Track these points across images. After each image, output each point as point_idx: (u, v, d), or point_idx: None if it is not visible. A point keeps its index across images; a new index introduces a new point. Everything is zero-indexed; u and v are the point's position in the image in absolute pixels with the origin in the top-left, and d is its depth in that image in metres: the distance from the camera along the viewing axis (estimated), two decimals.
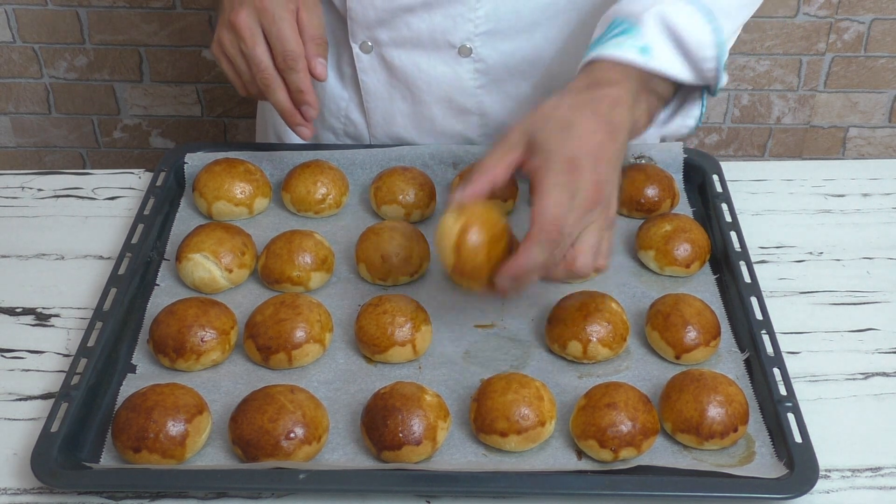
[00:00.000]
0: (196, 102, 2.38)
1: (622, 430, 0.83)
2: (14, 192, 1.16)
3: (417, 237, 1.02)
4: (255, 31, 0.99)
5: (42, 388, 0.92)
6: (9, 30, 2.26)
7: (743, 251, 1.02)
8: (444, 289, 1.01)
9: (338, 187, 1.09)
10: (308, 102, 1.02)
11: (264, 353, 0.91)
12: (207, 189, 1.08)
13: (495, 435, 0.84)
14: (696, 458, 0.84)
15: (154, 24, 2.25)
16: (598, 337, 0.91)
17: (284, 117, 1.04)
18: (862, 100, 2.36)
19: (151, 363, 0.93)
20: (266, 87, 1.01)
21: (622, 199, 1.09)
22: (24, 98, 2.37)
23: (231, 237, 1.01)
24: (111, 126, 2.42)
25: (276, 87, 1.01)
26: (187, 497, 0.82)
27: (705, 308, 0.94)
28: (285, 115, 1.03)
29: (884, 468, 0.85)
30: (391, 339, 0.91)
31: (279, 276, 0.99)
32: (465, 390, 0.90)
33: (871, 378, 0.93)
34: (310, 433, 0.83)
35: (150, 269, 1.03)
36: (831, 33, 2.25)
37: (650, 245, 1.02)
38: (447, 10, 1.08)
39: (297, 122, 1.03)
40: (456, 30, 1.10)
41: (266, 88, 1.02)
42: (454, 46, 1.11)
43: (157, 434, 0.82)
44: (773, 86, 2.33)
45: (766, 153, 2.45)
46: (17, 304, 1.01)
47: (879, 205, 1.15)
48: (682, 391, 0.86)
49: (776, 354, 0.91)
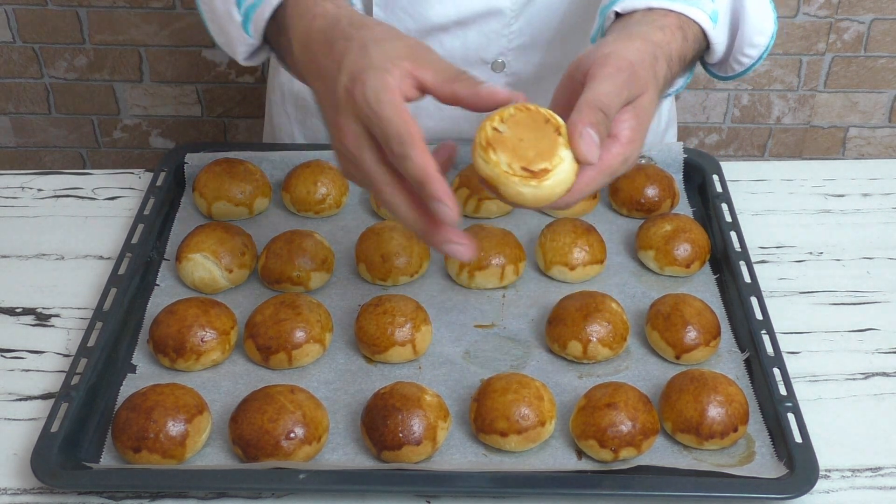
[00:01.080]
0: (196, 102, 2.38)
1: (622, 430, 0.83)
2: (14, 192, 1.16)
3: (417, 237, 1.02)
4: (358, 137, 0.74)
5: (42, 388, 0.92)
6: (9, 30, 2.26)
7: (743, 251, 1.02)
8: (444, 289, 1.01)
9: (338, 187, 1.09)
10: (435, 197, 0.70)
11: (264, 353, 0.91)
12: (207, 189, 1.08)
13: (495, 435, 0.84)
14: (696, 458, 0.84)
15: (154, 24, 2.25)
16: (598, 337, 0.91)
17: (425, 240, 0.76)
18: (862, 100, 2.36)
19: (151, 363, 0.93)
20: (386, 204, 0.76)
21: (622, 199, 1.10)
22: (24, 98, 2.37)
23: (231, 237, 1.01)
24: (111, 126, 2.42)
25: (393, 200, 0.75)
26: (187, 497, 0.82)
27: (705, 308, 0.94)
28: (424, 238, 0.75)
29: (884, 468, 0.85)
30: (391, 339, 0.91)
31: (279, 276, 0.99)
32: (465, 390, 0.90)
33: (871, 378, 0.93)
34: (310, 433, 0.83)
35: (150, 269, 1.03)
36: (831, 33, 2.25)
37: (650, 245, 1.02)
38: (481, 27, 1.08)
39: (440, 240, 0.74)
40: (490, 46, 1.10)
41: (387, 206, 0.76)
42: (487, 62, 1.11)
43: (157, 434, 0.82)
44: (773, 86, 2.33)
45: (766, 153, 2.45)
46: (17, 304, 1.01)
47: (879, 205, 1.15)
48: (682, 391, 0.86)
49: (776, 354, 0.91)
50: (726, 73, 1.03)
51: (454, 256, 0.74)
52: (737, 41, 0.97)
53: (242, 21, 0.91)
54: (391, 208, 0.75)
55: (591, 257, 1.01)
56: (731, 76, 1.03)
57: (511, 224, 1.08)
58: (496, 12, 1.09)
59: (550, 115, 0.73)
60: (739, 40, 0.96)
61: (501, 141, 0.71)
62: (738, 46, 0.97)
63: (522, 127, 0.72)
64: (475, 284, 1.00)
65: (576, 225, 1.02)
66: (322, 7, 0.82)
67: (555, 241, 1.01)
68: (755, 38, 0.97)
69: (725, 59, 1.00)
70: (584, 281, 1.02)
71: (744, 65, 1.01)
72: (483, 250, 0.99)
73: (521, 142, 0.71)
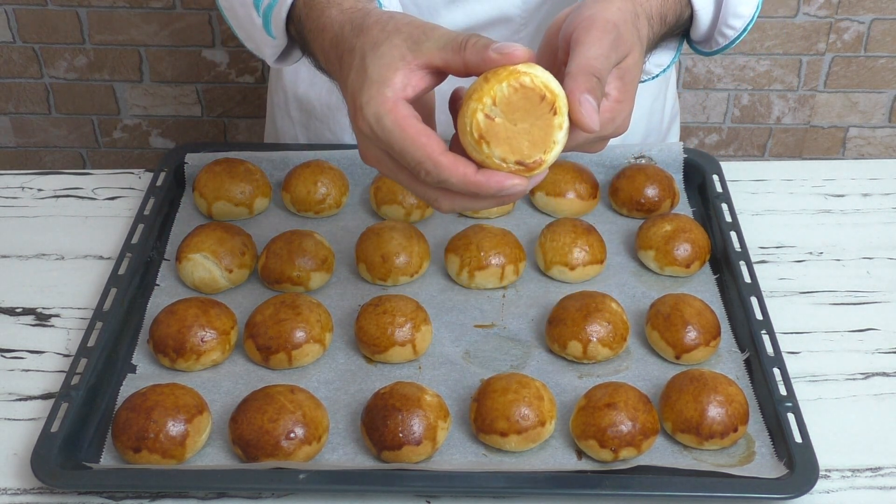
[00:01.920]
0: (196, 102, 2.38)
1: (622, 430, 0.83)
2: (14, 192, 1.16)
3: (417, 237, 1.02)
4: (381, 160, 0.74)
5: (42, 388, 0.92)
6: (9, 30, 2.26)
7: (743, 251, 1.02)
8: (444, 289, 1.01)
9: (338, 187, 1.09)
10: (493, 193, 0.70)
11: (264, 353, 0.91)
12: (207, 189, 1.08)
13: (495, 435, 0.84)
14: (696, 458, 0.84)
15: (154, 24, 2.25)
16: (598, 337, 0.91)
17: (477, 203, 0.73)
18: (862, 100, 2.36)
19: (151, 363, 0.93)
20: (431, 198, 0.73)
21: (622, 200, 1.10)
22: (24, 98, 2.37)
23: (231, 237, 1.01)
24: (111, 126, 2.42)
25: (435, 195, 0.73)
26: (187, 497, 0.82)
27: (705, 308, 0.94)
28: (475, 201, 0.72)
29: (884, 468, 0.85)
30: (391, 339, 0.91)
31: (279, 276, 0.99)
32: (465, 390, 0.90)
33: (871, 378, 0.93)
34: (310, 433, 0.83)
35: (150, 269, 1.03)
36: (831, 33, 2.25)
37: (650, 245, 1.02)
38: (490, 34, 1.05)
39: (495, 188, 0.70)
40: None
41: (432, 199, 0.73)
42: None
43: (157, 434, 0.82)
44: (773, 86, 2.33)
45: (766, 153, 2.45)
46: (17, 304, 1.01)
47: (879, 205, 1.15)
48: (682, 391, 0.86)
49: (776, 354, 0.91)
50: (710, 49, 1.03)
51: (516, 195, 0.71)
52: (722, 11, 0.96)
53: (263, 23, 0.91)
54: (464, 207, 0.73)
55: (591, 257, 1.01)
56: (716, 51, 1.02)
57: (511, 224, 1.08)
58: (506, 20, 1.09)
59: (546, 89, 0.69)
60: (724, 11, 0.95)
61: (494, 133, 0.69)
62: (722, 17, 0.96)
63: (516, 111, 0.69)
64: (475, 284, 1.00)
65: (576, 225, 1.02)
66: (328, 17, 0.80)
67: (555, 241, 1.01)
68: (740, 7, 0.96)
69: (710, 34, 0.99)
70: (584, 281, 1.02)
71: (728, 37, 1.00)
72: (483, 250, 0.99)
73: (514, 130, 0.69)
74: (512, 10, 1.08)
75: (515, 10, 1.08)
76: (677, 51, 0.99)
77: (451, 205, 0.73)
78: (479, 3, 1.09)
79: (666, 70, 0.97)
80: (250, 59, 2.30)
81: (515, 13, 1.09)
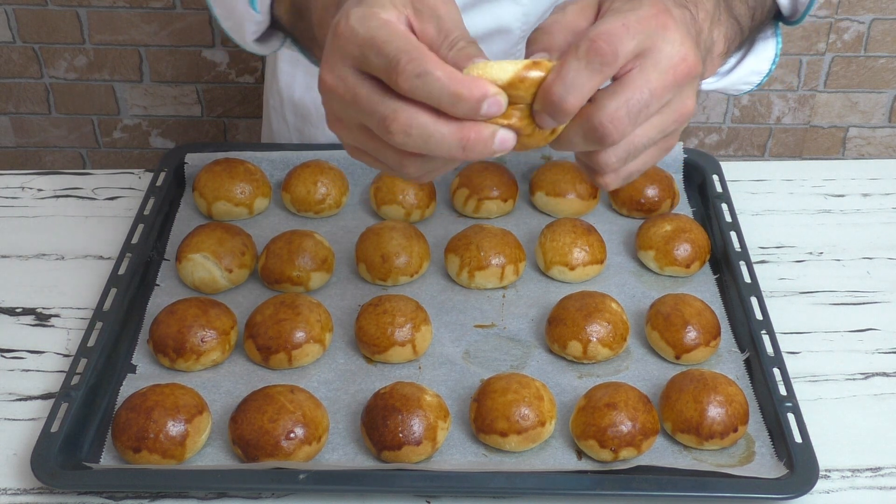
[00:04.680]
0: (196, 102, 2.38)
1: (622, 430, 0.83)
2: (14, 192, 1.16)
3: (417, 237, 1.02)
4: (347, 79, 0.63)
5: (42, 388, 0.92)
6: (9, 30, 2.26)
7: (743, 251, 1.02)
8: (444, 289, 1.01)
9: (338, 187, 1.09)
10: (478, 97, 0.60)
11: (264, 353, 0.91)
12: (207, 189, 1.08)
13: (495, 435, 0.84)
14: (696, 458, 0.84)
15: (154, 24, 2.25)
16: (598, 337, 0.91)
17: (470, 151, 0.62)
18: (862, 100, 2.36)
19: (151, 363, 0.93)
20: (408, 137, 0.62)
21: (622, 200, 1.10)
22: (24, 98, 2.37)
23: (231, 237, 1.01)
24: (111, 126, 2.43)
25: (416, 121, 0.61)
26: (187, 497, 0.82)
27: (705, 308, 0.94)
28: (468, 149, 0.62)
29: (884, 468, 0.85)
30: (391, 339, 0.91)
31: (279, 276, 0.99)
32: (465, 390, 0.90)
33: (871, 378, 0.94)
34: (310, 433, 0.83)
35: (150, 269, 1.03)
36: (831, 33, 2.25)
37: (650, 245, 1.02)
38: (489, 46, 1.08)
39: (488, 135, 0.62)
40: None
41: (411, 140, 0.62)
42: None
43: (157, 434, 0.82)
44: (773, 86, 2.33)
45: (766, 153, 2.45)
46: (17, 304, 1.01)
47: (879, 205, 1.15)
48: (682, 391, 0.86)
49: (776, 354, 0.91)
50: (797, 18, 0.98)
51: (508, 146, 0.63)
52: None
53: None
54: (419, 135, 0.61)
55: (591, 257, 1.01)
56: (802, 14, 0.98)
57: (511, 224, 1.08)
58: (504, 31, 1.09)
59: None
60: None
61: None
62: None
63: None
64: (475, 284, 1.00)
65: (576, 225, 1.02)
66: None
67: (555, 241, 1.01)
68: None
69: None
70: (584, 281, 1.02)
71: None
72: (483, 250, 0.99)
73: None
74: (512, 22, 1.08)
75: (516, 23, 1.08)
76: (777, 44, 0.95)
77: (418, 167, 0.64)
78: (479, 14, 1.09)
79: (771, 67, 0.93)
80: (250, 59, 2.30)
81: (515, 25, 1.08)
